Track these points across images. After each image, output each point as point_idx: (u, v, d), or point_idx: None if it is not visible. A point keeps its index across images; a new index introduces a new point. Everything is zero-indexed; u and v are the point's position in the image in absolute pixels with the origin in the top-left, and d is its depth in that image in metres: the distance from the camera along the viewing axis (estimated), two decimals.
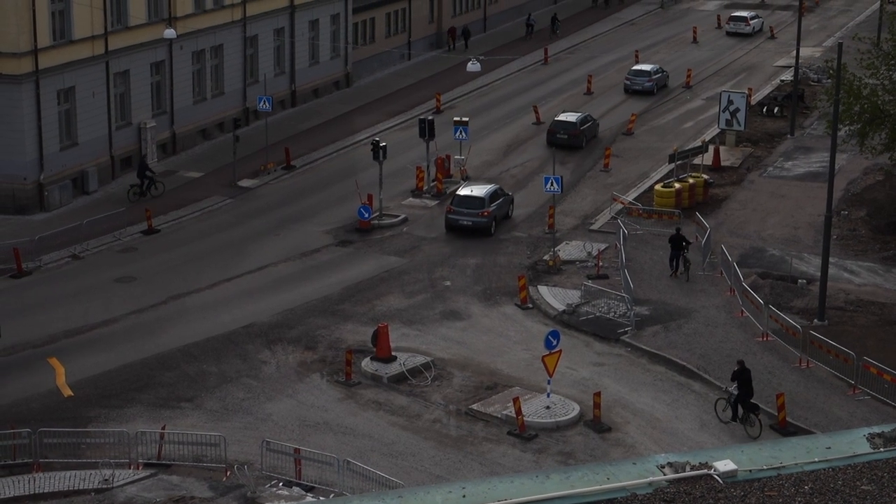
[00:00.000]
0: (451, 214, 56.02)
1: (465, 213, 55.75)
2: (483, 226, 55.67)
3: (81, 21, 58.51)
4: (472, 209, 55.70)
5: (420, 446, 37.86)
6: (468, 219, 55.56)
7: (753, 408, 39.16)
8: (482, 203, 55.92)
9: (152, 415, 39.43)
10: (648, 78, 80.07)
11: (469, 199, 56.20)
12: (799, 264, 51.82)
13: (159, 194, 59.00)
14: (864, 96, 50.04)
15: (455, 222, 55.84)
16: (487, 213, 55.75)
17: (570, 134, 67.97)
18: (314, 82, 77.75)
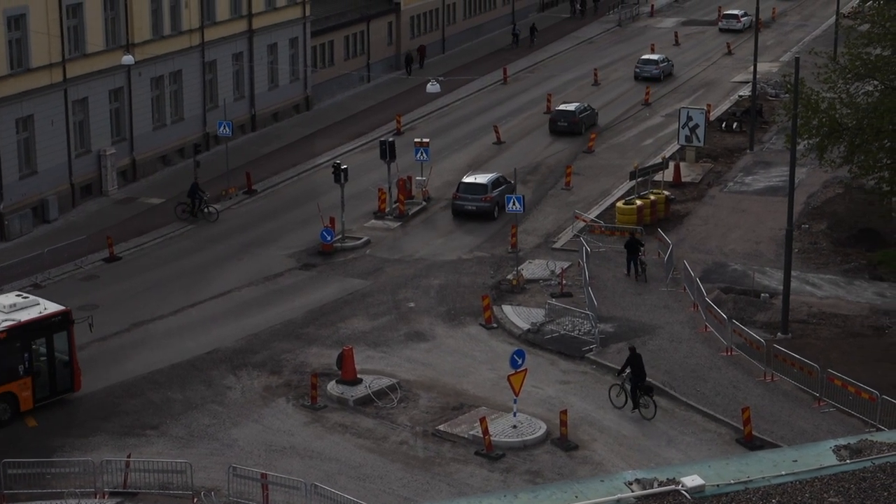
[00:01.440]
0: (458, 200, 60.41)
1: (469, 199, 60.02)
2: (486, 210, 59.84)
3: (39, 49, 58.29)
4: (476, 195, 60.02)
5: (387, 468, 37.76)
6: (473, 204, 59.68)
7: (647, 390, 40.71)
8: (485, 189, 60.25)
9: (117, 443, 39.17)
10: (656, 66, 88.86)
11: (473, 186, 60.39)
12: (761, 278, 52.05)
13: (214, 220, 58.83)
14: (822, 110, 50.27)
15: (461, 207, 60.14)
16: (490, 198, 59.96)
17: (570, 122, 74.28)
18: (274, 106, 77.68)
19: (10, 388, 40.35)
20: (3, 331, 40.11)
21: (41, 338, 41.24)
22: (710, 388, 42.52)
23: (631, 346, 42.24)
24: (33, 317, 41.04)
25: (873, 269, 52.91)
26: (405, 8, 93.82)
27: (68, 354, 41.78)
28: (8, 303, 41.30)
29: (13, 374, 40.35)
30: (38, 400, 41.07)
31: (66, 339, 41.74)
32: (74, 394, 42.21)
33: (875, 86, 52.26)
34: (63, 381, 41.83)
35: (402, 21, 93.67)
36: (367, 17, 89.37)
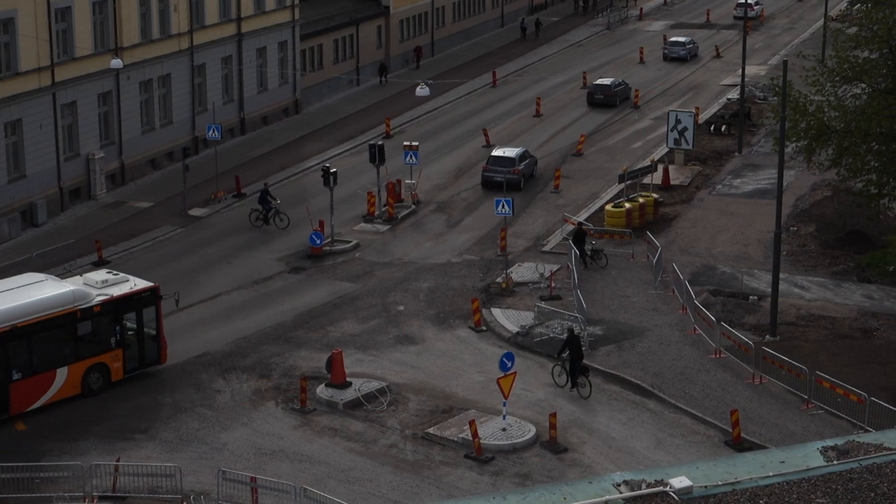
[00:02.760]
0: (487, 172, 64.73)
1: (498, 171, 63.48)
2: (514, 181, 63.54)
3: (27, 53, 58.25)
4: (504, 167, 64.08)
5: (377, 472, 37.77)
6: (501, 175, 61.37)
7: (584, 370, 42.44)
8: (513, 162, 64.94)
9: (106, 447, 39.14)
10: (683, 47, 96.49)
11: (502, 159, 65.09)
12: (750, 281, 52.14)
13: (285, 227, 58.33)
14: (810, 113, 50.36)
15: (490, 178, 63.86)
16: (518, 170, 64.65)
17: (606, 94, 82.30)
18: (263, 110, 77.67)
19: (103, 360, 42.91)
20: (96, 305, 42.55)
21: (131, 312, 43.75)
22: (698, 390, 42.58)
23: (569, 328, 44.07)
24: (124, 292, 43.59)
25: (861, 271, 53.01)
26: (394, 11, 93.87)
27: (155, 328, 44.30)
28: (99, 279, 43.75)
29: (105, 345, 42.96)
30: (128, 371, 43.67)
31: (154, 314, 44.28)
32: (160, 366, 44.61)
33: (863, 88, 52.38)
34: (151, 353, 44.32)
35: (392, 24, 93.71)
36: (357, 20, 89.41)
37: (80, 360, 42.27)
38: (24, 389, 41.01)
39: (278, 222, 58.74)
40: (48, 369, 41.57)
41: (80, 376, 42.34)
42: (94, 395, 42.58)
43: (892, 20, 51.50)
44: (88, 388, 42.60)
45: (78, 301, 42.22)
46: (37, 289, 42.45)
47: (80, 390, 42.42)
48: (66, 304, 41.95)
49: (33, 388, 41.29)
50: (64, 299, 41.97)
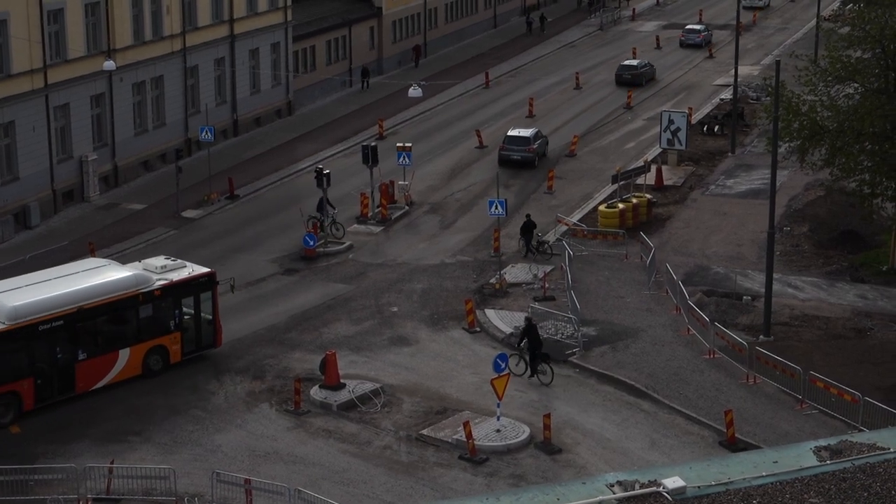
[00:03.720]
0: (504, 151, 68.98)
1: (515, 150, 68.75)
2: (529, 159, 68.63)
3: (20, 55, 58.20)
4: (520, 146, 68.85)
5: (371, 473, 37.76)
6: (518, 154, 68.39)
7: (544, 357, 43.47)
8: (528, 141, 69.24)
9: (101, 449, 39.11)
10: (699, 35, 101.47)
11: (518, 139, 69.39)
12: (743, 281, 52.17)
13: (341, 236, 57.37)
14: (803, 113, 50.40)
15: (507, 157, 68.64)
16: (532, 149, 69.01)
17: (633, 74, 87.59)
18: (256, 111, 77.65)
19: (163, 342, 44.52)
20: (157, 289, 44.19)
21: (189, 297, 45.30)
22: (692, 390, 42.61)
23: (527, 318, 45.21)
24: (183, 277, 45.17)
25: (855, 271, 53.07)
26: (387, 13, 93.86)
27: (211, 313, 45.73)
28: (159, 264, 45.36)
29: (165, 328, 44.58)
30: (186, 354, 45.21)
31: (210, 299, 45.72)
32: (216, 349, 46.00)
33: (856, 88, 52.44)
34: (207, 337, 45.82)
35: (384, 26, 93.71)
36: (349, 21, 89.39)
37: (141, 342, 43.91)
38: (89, 369, 42.62)
39: (334, 231, 57.66)
40: (111, 350, 43.24)
41: (140, 358, 43.93)
42: (153, 376, 44.10)
43: (885, 20, 51.57)
44: (149, 369, 44.16)
45: (140, 285, 43.88)
46: (100, 273, 44.16)
47: (141, 371, 43.98)
48: (129, 287, 43.59)
49: (97, 368, 42.91)
50: (126, 283, 43.61)
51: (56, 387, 41.96)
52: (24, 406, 41.12)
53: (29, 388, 41.18)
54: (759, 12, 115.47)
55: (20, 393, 41.03)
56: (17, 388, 40.92)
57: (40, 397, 41.52)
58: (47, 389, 41.75)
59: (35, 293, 42.04)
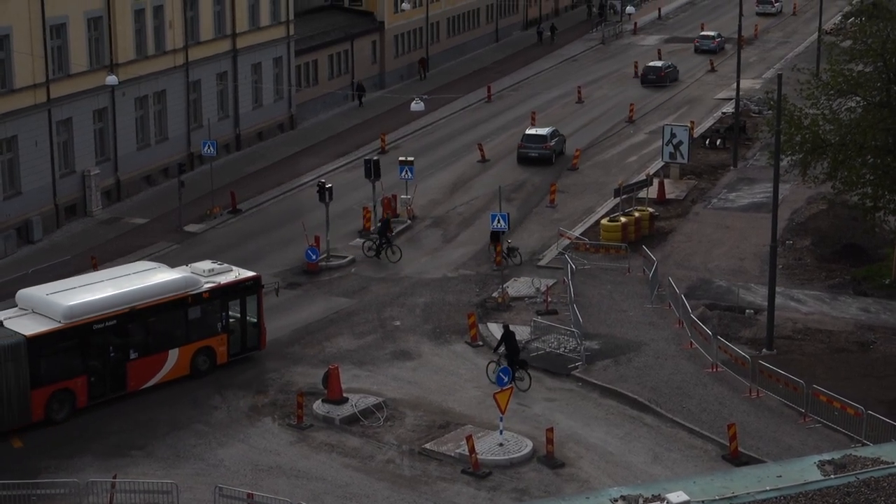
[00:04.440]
0: (522, 149, 72.89)
1: (532, 147, 72.68)
2: (546, 156, 72.43)
3: (23, 69, 58.27)
4: (537, 144, 72.75)
5: (374, 487, 37.71)
6: (535, 151, 72.48)
7: (522, 364, 43.97)
8: (545, 139, 73.04)
9: (103, 464, 39.06)
10: (713, 41, 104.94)
11: (535, 137, 73.28)
12: (746, 294, 52.14)
13: (397, 260, 56.89)
14: (805, 126, 50.44)
15: (525, 154, 72.64)
16: (549, 146, 72.68)
17: (658, 76, 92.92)
18: (258, 125, 77.70)
19: (210, 343, 45.64)
20: (205, 291, 45.38)
21: (235, 299, 46.41)
22: (695, 404, 42.56)
23: (505, 325, 45.89)
24: (230, 280, 46.39)
25: (857, 284, 53.03)
26: (389, 27, 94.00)
27: (257, 316, 46.84)
28: (206, 268, 46.52)
29: (212, 330, 45.76)
30: (232, 355, 46.35)
31: (256, 302, 46.81)
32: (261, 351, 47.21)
33: (857, 102, 52.48)
34: (252, 339, 46.97)
35: (387, 40, 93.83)
36: (352, 35, 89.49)
37: (189, 343, 45.02)
38: (140, 368, 43.87)
39: (390, 255, 57.17)
40: (161, 350, 44.37)
41: (189, 358, 45.06)
42: (201, 376, 45.21)
43: (886, 34, 51.63)
44: (197, 369, 45.32)
45: (189, 287, 45.02)
46: (151, 275, 45.52)
47: (189, 371, 45.12)
48: (179, 289, 44.77)
49: (148, 367, 44.11)
50: (177, 285, 44.83)
51: (108, 385, 43.26)
52: (78, 403, 42.36)
53: (83, 385, 42.46)
54: (761, 26, 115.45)
55: (74, 390, 42.28)
56: (72, 386, 42.18)
57: (93, 395, 42.82)
58: (100, 387, 43.03)
59: (89, 294, 43.40)
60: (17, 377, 40.72)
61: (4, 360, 40.50)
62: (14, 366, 40.64)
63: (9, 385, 40.57)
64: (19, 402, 40.85)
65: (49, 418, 41.55)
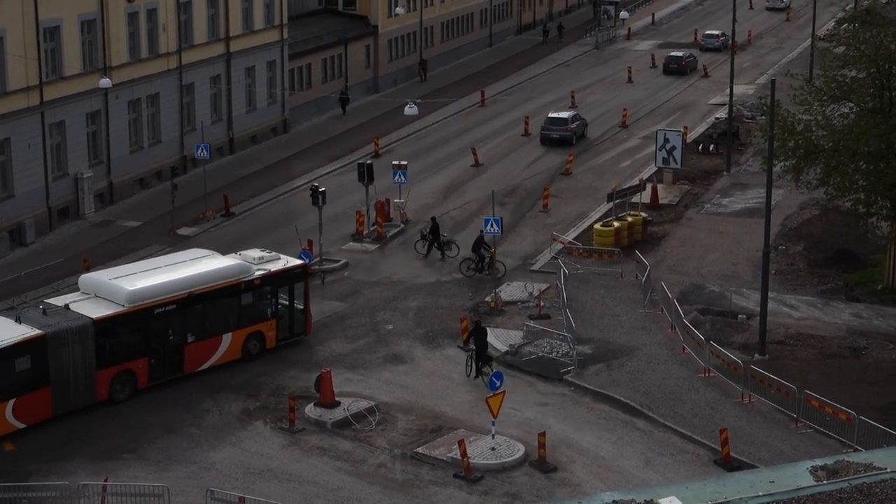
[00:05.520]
0: (544, 131, 77.57)
1: (554, 129, 77.31)
2: (567, 137, 76.97)
3: (16, 72, 58.22)
4: (559, 126, 77.36)
5: (366, 491, 37.68)
6: (557, 133, 77.10)
7: (487, 360, 45.12)
8: (566, 122, 77.75)
9: (94, 467, 38.99)
10: (717, 39, 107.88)
11: (557, 120, 77.95)
12: (738, 300, 52.18)
13: (500, 275, 55.30)
14: (798, 132, 50.51)
15: (547, 136, 77.39)
16: (570, 128, 77.39)
17: (679, 64, 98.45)
18: (252, 129, 77.70)
19: (260, 328, 47.44)
20: (257, 278, 47.10)
21: (284, 286, 48.15)
22: (687, 409, 42.57)
23: (476, 321, 46.77)
24: (280, 267, 48.17)
25: (850, 290, 53.09)
26: (383, 31, 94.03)
27: (303, 302, 48.62)
28: (256, 255, 48.33)
29: (263, 315, 47.54)
30: (280, 340, 48.05)
31: (303, 289, 48.62)
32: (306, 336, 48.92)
33: (851, 108, 52.55)
34: (299, 325, 48.73)
35: (380, 44, 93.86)
36: (345, 39, 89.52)
37: (241, 328, 46.72)
38: (196, 351, 45.52)
39: (494, 272, 55.53)
40: (216, 334, 46.05)
41: (241, 342, 46.79)
42: (252, 360, 46.85)
43: (880, 40, 51.70)
44: (248, 353, 46.97)
45: (242, 274, 46.73)
46: (205, 262, 47.18)
47: (241, 355, 46.77)
48: (233, 275, 46.48)
49: (203, 350, 45.76)
50: (231, 271, 46.54)
51: (167, 367, 44.81)
52: (139, 384, 43.99)
53: (144, 367, 44.08)
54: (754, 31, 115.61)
55: (136, 372, 43.94)
56: (134, 367, 43.83)
57: (153, 376, 44.39)
58: (160, 369, 44.63)
59: (151, 279, 45.06)
60: (83, 358, 42.24)
61: (72, 342, 41.99)
62: (81, 347, 42.18)
63: (76, 366, 42.07)
64: (85, 383, 42.39)
65: (112, 398, 43.14)
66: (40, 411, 41.39)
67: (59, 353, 41.61)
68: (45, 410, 41.53)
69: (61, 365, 41.68)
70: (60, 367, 41.66)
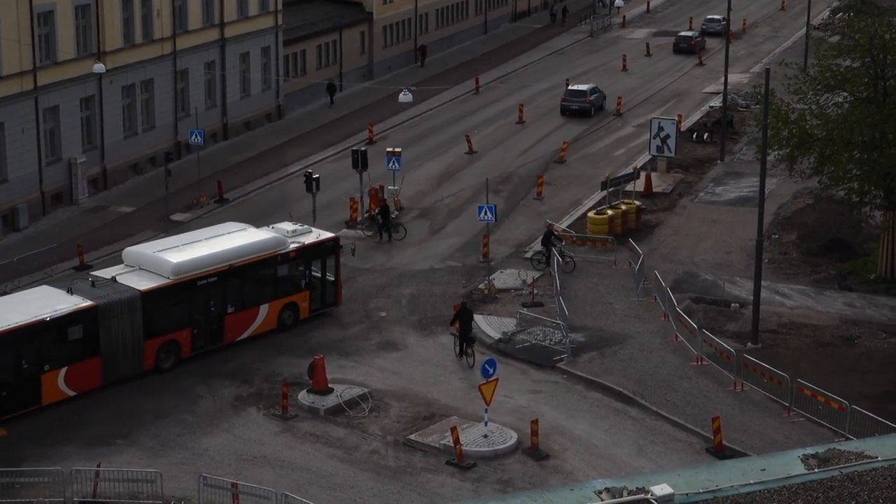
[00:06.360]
0: (564, 102, 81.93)
1: (573, 101, 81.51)
2: (586, 109, 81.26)
3: (10, 57, 58.10)
4: (578, 98, 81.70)
5: (358, 478, 37.73)
6: (576, 104, 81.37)
7: (470, 341, 45.76)
8: (585, 94, 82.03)
9: (87, 452, 39.02)
10: (718, 23, 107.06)
11: (576, 92, 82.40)
12: (731, 288, 52.22)
13: (570, 270, 54.13)
14: (792, 121, 50.55)
15: (567, 107, 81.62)
16: (589, 100, 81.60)
17: (689, 44, 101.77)
18: (246, 115, 77.58)
19: (295, 299, 48.89)
20: (292, 251, 48.65)
21: (317, 259, 49.69)
22: (680, 397, 42.64)
23: (462, 302, 47.64)
24: (313, 240, 49.74)
25: (843, 279, 53.14)
26: (378, 18, 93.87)
27: (334, 274, 50.13)
28: (290, 229, 49.91)
29: (297, 287, 49.00)
30: (313, 310, 49.59)
31: (334, 261, 50.14)
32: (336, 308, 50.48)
33: (845, 97, 52.61)
34: (330, 296, 50.31)
35: (375, 31, 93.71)
36: (340, 26, 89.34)
37: (277, 299, 48.23)
38: (236, 322, 47.08)
39: (565, 266, 54.20)
40: (254, 305, 47.58)
41: (276, 313, 48.27)
42: (286, 330, 48.34)
43: (874, 29, 51.74)
44: (283, 323, 48.50)
45: (279, 247, 48.30)
46: (242, 235, 48.71)
47: (276, 325, 48.29)
48: (270, 248, 48.07)
49: (242, 321, 47.31)
50: (268, 244, 48.14)
51: (209, 337, 46.37)
52: (183, 353, 45.50)
53: (187, 337, 45.64)
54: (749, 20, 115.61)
55: (180, 342, 45.45)
56: (178, 337, 45.36)
57: (196, 346, 45.97)
58: (202, 339, 46.19)
59: (193, 251, 46.60)
60: (132, 328, 43.72)
61: (121, 313, 43.45)
62: (130, 318, 43.66)
63: (124, 336, 43.55)
64: (134, 352, 43.89)
65: (157, 368, 44.64)
66: (90, 380, 42.92)
67: (109, 323, 43.13)
68: (95, 379, 43.05)
69: (111, 335, 43.18)
70: (110, 337, 43.17)
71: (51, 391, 41.92)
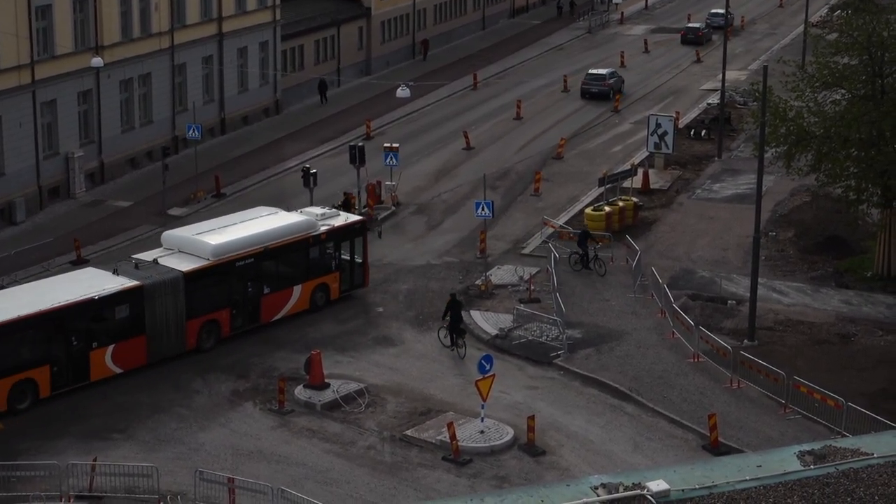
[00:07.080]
0: (584, 85, 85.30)
1: (593, 84, 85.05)
2: (605, 92, 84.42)
3: (7, 50, 58.07)
4: (597, 81, 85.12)
5: (354, 473, 37.75)
6: (595, 87, 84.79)
7: (461, 333, 46.27)
8: (604, 78, 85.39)
9: (83, 446, 39.02)
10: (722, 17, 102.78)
11: (596, 76, 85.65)
12: (728, 285, 52.25)
13: (604, 273, 53.69)
14: (790, 118, 50.55)
15: (587, 90, 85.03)
16: (608, 84, 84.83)
17: (696, 35, 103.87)
18: (243, 110, 77.56)
19: (326, 280, 50.25)
20: (323, 233, 49.94)
21: (346, 241, 50.98)
22: (676, 394, 42.66)
23: (452, 294, 48.02)
24: (342, 223, 51.11)
25: (840, 276, 53.17)
26: (376, 13, 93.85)
27: (362, 256, 51.41)
28: (319, 212, 51.16)
29: (328, 268, 50.49)
30: (342, 291, 50.90)
31: (362, 243, 51.42)
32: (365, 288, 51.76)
33: (842, 95, 52.61)
34: (358, 277, 51.63)
35: (373, 26, 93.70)
36: (338, 21, 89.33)
37: (309, 280, 49.55)
38: (271, 302, 48.40)
39: (598, 268, 54.02)
40: (288, 286, 48.88)
41: (309, 294, 49.57)
42: (318, 310, 49.59)
43: (872, 27, 51.73)
44: (315, 304, 49.78)
45: (310, 229, 49.58)
46: (275, 218, 49.94)
47: (309, 306, 49.54)
48: (302, 231, 49.31)
49: (277, 301, 48.61)
50: (300, 227, 49.36)
51: (247, 317, 47.68)
52: (223, 333, 46.68)
53: (226, 317, 46.88)
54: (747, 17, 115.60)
55: (220, 321, 46.66)
56: (218, 318, 46.59)
57: (234, 326, 47.23)
58: (240, 319, 47.46)
59: (231, 234, 47.84)
60: (175, 308, 44.95)
61: (165, 294, 44.68)
62: (173, 298, 44.90)
63: (168, 315, 44.77)
64: (177, 332, 45.14)
65: (199, 347, 45.87)
66: (136, 358, 44.18)
67: (154, 303, 44.32)
68: (140, 357, 44.32)
69: (155, 315, 44.40)
70: (155, 317, 44.40)
71: (99, 368, 43.22)
